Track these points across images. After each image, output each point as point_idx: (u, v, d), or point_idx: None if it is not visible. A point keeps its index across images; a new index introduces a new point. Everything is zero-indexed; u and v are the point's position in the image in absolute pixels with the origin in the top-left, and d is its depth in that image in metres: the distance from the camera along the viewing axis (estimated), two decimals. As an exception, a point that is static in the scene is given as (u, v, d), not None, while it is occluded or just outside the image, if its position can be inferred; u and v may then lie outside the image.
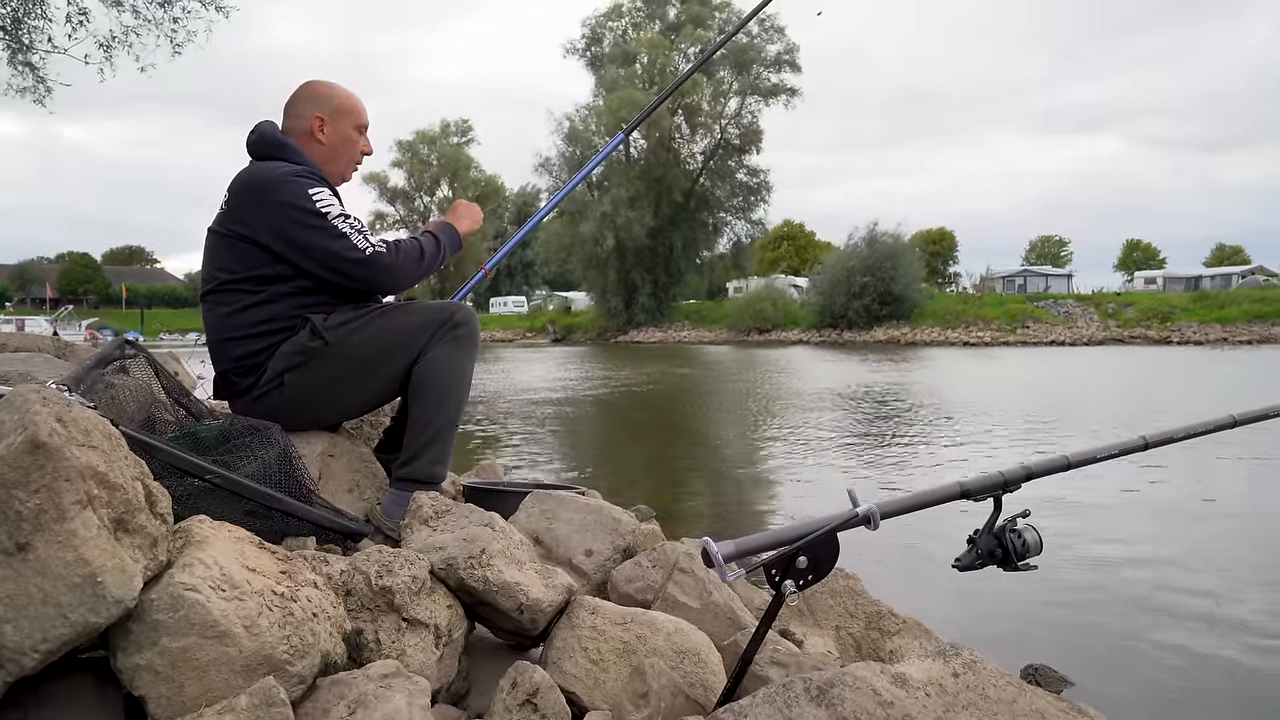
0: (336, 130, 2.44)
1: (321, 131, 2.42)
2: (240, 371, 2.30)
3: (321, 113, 2.42)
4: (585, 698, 1.60)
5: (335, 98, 2.46)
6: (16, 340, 4.32)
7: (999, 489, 1.44)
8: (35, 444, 1.11)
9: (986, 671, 1.32)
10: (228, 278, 2.28)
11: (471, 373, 2.39)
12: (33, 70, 10.92)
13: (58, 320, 46.90)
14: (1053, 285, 53.59)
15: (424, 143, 65.39)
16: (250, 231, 2.24)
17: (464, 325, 2.31)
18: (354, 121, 2.47)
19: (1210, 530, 4.45)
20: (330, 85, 2.48)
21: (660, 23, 54.27)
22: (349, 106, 2.47)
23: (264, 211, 2.22)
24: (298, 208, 2.20)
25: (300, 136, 2.41)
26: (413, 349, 2.28)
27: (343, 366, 2.25)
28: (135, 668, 1.17)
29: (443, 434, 2.30)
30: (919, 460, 6.71)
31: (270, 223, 2.21)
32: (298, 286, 2.28)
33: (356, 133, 2.48)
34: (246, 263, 2.26)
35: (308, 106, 2.43)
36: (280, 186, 2.22)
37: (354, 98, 2.49)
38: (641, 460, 7.32)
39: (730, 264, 55.74)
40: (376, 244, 2.25)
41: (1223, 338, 33.82)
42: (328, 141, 2.43)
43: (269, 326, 2.27)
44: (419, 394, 2.29)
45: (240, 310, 2.27)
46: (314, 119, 2.41)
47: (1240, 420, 1.68)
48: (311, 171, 2.31)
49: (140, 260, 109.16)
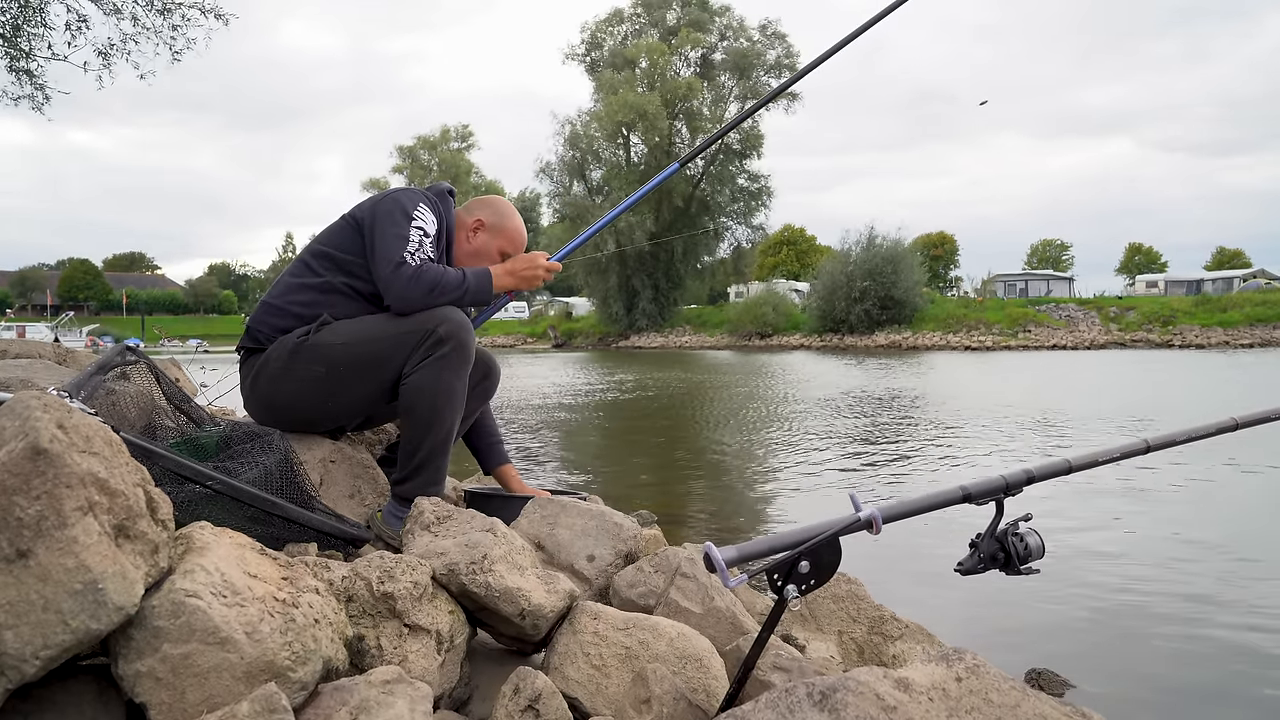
0: (487, 241, 2.56)
1: (475, 232, 2.55)
2: (252, 338, 2.42)
3: (487, 220, 2.56)
4: (588, 703, 1.60)
5: (507, 220, 2.59)
6: (17, 347, 4.33)
7: (1001, 493, 1.44)
8: (36, 450, 1.11)
9: (990, 676, 1.31)
10: (317, 246, 2.45)
11: (464, 389, 2.32)
12: (31, 78, 10.96)
13: (58, 327, 47.00)
14: (1054, 289, 53.55)
15: (424, 148, 65.47)
16: (359, 213, 2.42)
17: (448, 342, 2.21)
18: (502, 246, 2.57)
19: (1214, 533, 4.44)
20: (512, 211, 2.62)
21: (659, 28, 54.35)
22: (511, 233, 2.58)
23: (377, 199, 2.41)
24: (398, 204, 2.36)
25: (458, 224, 2.56)
26: (392, 364, 2.24)
27: (319, 366, 2.28)
28: (136, 674, 1.17)
29: (435, 456, 2.28)
30: (921, 464, 6.70)
31: (374, 207, 2.39)
32: (348, 283, 2.37)
33: (498, 255, 2.56)
34: (335, 237, 2.43)
35: (481, 210, 2.60)
36: (400, 191, 2.43)
37: (522, 232, 2.62)
38: (643, 465, 7.31)
39: (731, 269, 55.75)
40: (414, 260, 2.28)
41: (1224, 341, 33.79)
42: (474, 244, 2.55)
43: (301, 309, 2.37)
44: (408, 415, 2.29)
45: (297, 280, 2.41)
46: (476, 220, 2.56)
47: (1242, 423, 1.68)
48: (435, 202, 2.46)
49: (141, 266, 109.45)
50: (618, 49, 54.15)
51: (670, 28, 53.77)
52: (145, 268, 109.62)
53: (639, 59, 51.75)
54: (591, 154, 52.46)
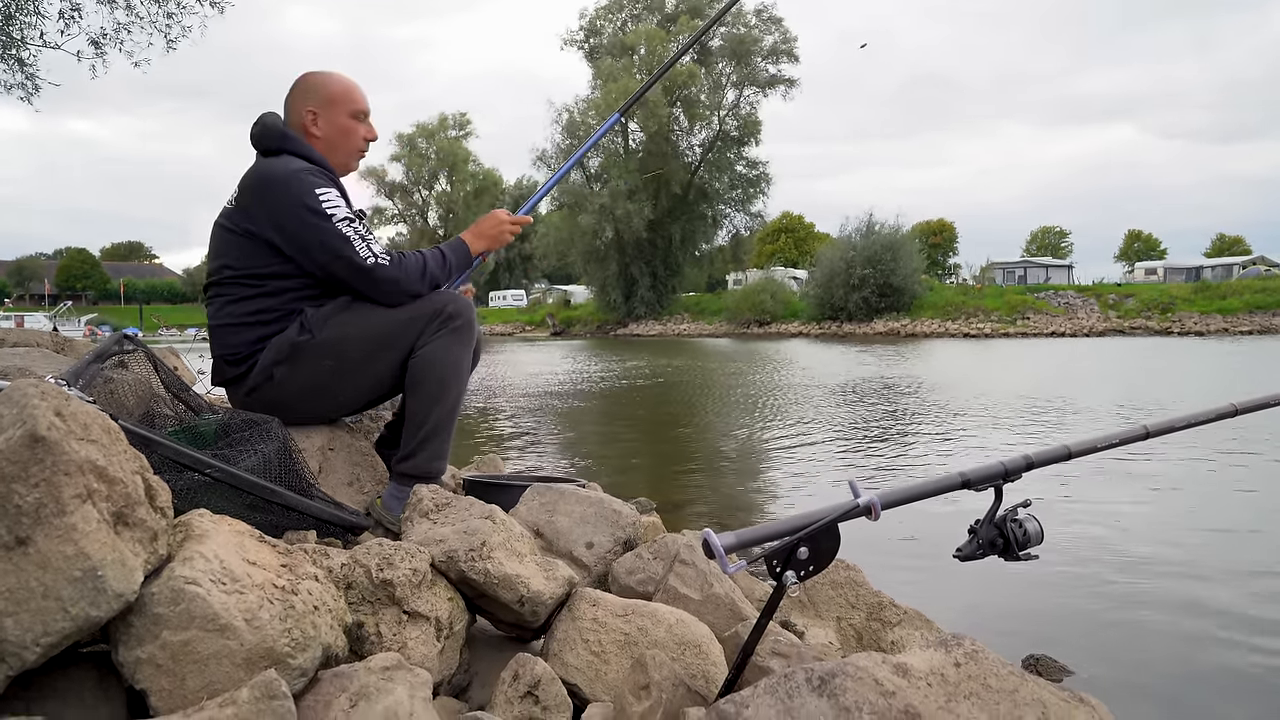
0: (330, 122, 2.39)
1: (315, 125, 2.37)
2: (232, 360, 2.30)
3: (313, 106, 2.37)
4: (587, 689, 1.60)
5: (326, 87, 2.40)
6: (15, 336, 4.32)
7: (1000, 479, 1.44)
8: (34, 438, 1.11)
9: (988, 661, 1.32)
10: (231, 272, 2.28)
11: (470, 365, 2.36)
12: (22, 66, 10.88)
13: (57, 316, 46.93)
14: (1053, 276, 53.53)
15: (422, 136, 65.22)
16: (255, 227, 2.23)
17: (459, 317, 2.26)
18: (348, 109, 2.41)
19: (1213, 519, 4.45)
20: (322, 75, 2.43)
21: (658, 14, 54.12)
22: (341, 95, 2.40)
23: (269, 209, 2.21)
24: (303, 206, 2.18)
25: (298, 131, 2.37)
26: (404, 343, 2.24)
27: (332, 361, 2.23)
28: (136, 661, 1.17)
29: (441, 428, 2.27)
30: (920, 451, 6.71)
31: (275, 220, 2.21)
32: (300, 283, 2.27)
33: (353, 120, 2.42)
34: (250, 258, 2.25)
35: (300, 100, 2.39)
36: (287, 184, 2.20)
37: (347, 84, 2.42)
38: (642, 452, 7.32)
39: (729, 256, 55.70)
40: (380, 254, 2.21)
41: (1224, 328, 33.81)
42: (322, 134, 2.38)
43: (265, 316, 2.26)
44: (415, 388, 2.26)
45: (239, 301, 2.27)
46: (306, 113, 2.37)
47: (1241, 409, 1.68)
48: (320, 169, 2.28)
49: (138, 256, 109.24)
50: (616, 36, 53.95)
51: (668, 14, 53.57)
52: (143, 257, 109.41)
53: (637, 46, 51.55)
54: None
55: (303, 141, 2.34)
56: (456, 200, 65.30)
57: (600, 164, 52.18)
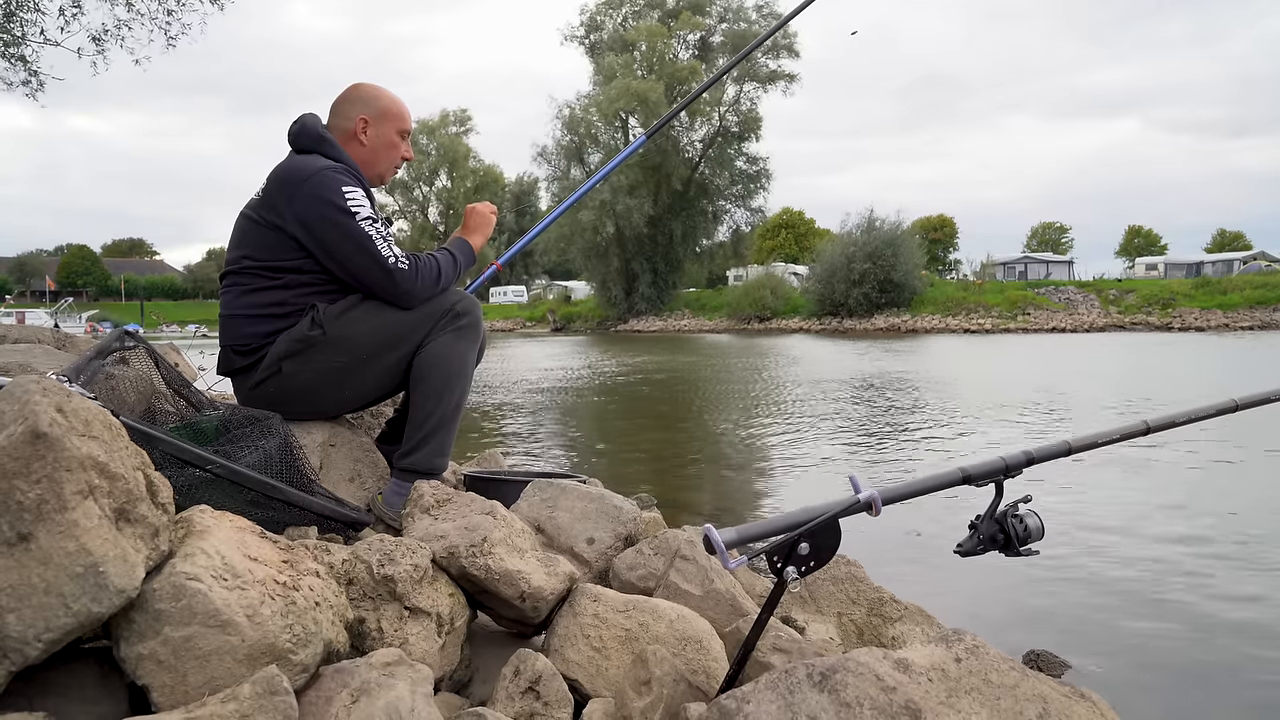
0: (380, 133, 2.46)
1: (364, 133, 2.45)
2: (241, 350, 2.32)
3: (367, 114, 2.45)
4: (588, 685, 1.60)
5: (381, 101, 2.48)
6: (16, 332, 4.32)
7: (1000, 474, 1.44)
8: (36, 434, 1.11)
9: (989, 656, 1.32)
10: (250, 263, 2.31)
11: (475, 363, 2.38)
12: (24, 63, 10.87)
13: (58, 313, 46.96)
14: (1054, 272, 53.47)
15: (423, 132, 65.18)
16: (280, 220, 2.26)
17: (466, 315, 2.31)
18: (397, 126, 2.50)
19: (1214, 515, 4.45)
20: (377, 89, 2.51)
21: (659, 10, 54.02)
22: (394, 111, 2.49)
23: (295, 202, 2.23)
24: (328, 203, 2.21)
25: (343, 135, 2.43)
26: (413, 340, 2.28)
27: (342, 357, 2.25)
28: (138, 657, 1.17)
29: (444, 425, 2.29)
30: (920, 446, 6.71)
31: (300, 214, 2.23)
32: (316, 278, 2.30)
33: (399, 137, 2.51)
34: (270, 250, 2.28)
35: (354, 107, 2.46)
36: (314, 180, 2.23)
37: (399, 103, 2.52)
38: (643, 448, 7.32)
39: (730, 252, 55.63)
40: (401, 257, 2.25)
41: (1224, 324, 33.75)
42: (370, 144, 2.45)
43: (278, 310, 2.28)
44: (420, 384, 2.28)
45: (253, 291, 2.30)
46: (359, 120, 2.44)
47: (1242, 404, 1.68)
48: (349, 169, 2.33)
49: (140, 252, 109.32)
50: (617, 32, 53.86)
51: (669, 10, 53.45)
52: (144, 253, 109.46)
53: (638, 42, 51.46)
54: (590, 138, 52.25)
55: (337, 145, 2.38)
56: (457, 196, 65.31)
57: (601, 161, 52.11)
